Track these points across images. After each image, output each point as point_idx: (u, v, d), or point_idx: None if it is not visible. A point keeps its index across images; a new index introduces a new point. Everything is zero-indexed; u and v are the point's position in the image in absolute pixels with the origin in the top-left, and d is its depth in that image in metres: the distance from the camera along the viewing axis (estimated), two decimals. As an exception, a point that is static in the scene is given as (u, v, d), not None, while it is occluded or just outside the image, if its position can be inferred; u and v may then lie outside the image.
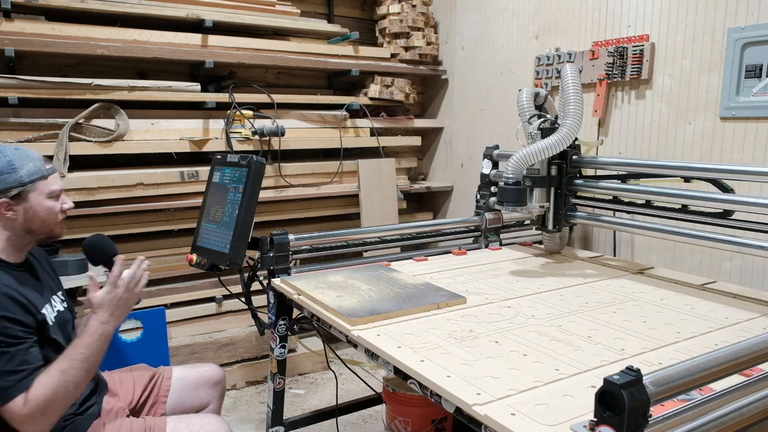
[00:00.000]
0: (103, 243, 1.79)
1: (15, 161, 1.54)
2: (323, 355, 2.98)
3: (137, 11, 3.07)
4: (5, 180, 1.52)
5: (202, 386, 2.01)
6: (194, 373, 2.03)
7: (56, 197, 1.62)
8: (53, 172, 1.63)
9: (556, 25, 3.18)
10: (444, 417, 2.29)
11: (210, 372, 2.05)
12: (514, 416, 1.12)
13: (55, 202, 1.62)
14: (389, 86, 3.82)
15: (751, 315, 1.75)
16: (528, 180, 2.25)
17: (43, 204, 1.58)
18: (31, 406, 1.40)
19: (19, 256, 1.61)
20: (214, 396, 2.04)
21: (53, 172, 1.63)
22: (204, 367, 2.08)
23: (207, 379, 2.03)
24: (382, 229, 2.50)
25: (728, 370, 1.04)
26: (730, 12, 2.39)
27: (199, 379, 2.02)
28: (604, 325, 1.65)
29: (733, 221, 1.95)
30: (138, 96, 3.02)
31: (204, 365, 2.10)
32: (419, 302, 1.77)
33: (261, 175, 2.06)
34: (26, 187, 1.55)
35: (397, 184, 3.78)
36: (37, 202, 1.57)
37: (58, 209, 1.63)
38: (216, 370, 2.08)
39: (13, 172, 1.53)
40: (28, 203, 1.56)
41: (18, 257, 1.61)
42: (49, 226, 1.62)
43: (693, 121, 2.56)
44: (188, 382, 1.99)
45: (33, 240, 1.63)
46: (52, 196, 1.60)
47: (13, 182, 1.53)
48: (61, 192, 1.64)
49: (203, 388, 2.01)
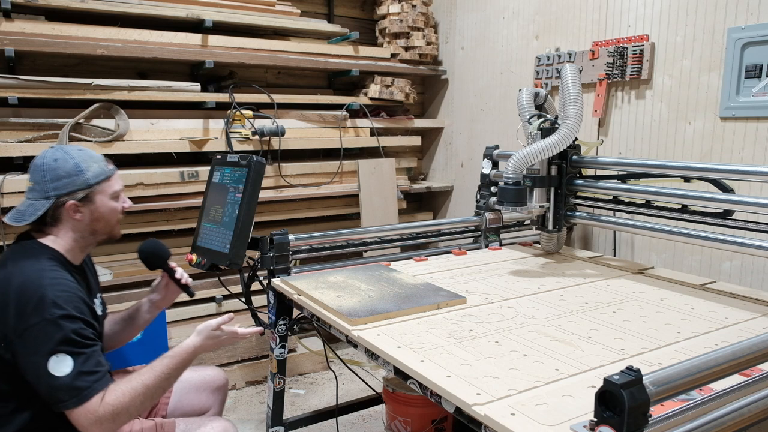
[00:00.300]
0: (160, 248, 1.82)
1: (81, 163, 1.55)
2: (323, 355, 2.98)
3: (137, 11, 3.07)
4: (73, 182, 1.53)
5: (204, 390, 1.97)
6: (196, 376, 1.98)
7: (117, 197, 1.65)
8: (114, 171, 1.65)
9: (556, 25, 3.18)
10: (444, 417, 2.29)
11: (213, 376, 2.01)
12: (514, 416, 1.12)
13: (117, 203, 1.64)
14: (389, 86, 3.82)
15: (751, 315, 1.75)
16: (528, 180, 2.25)
17: (107, 204, 1.60)
18: (107, 409, 1.39)
19: (81, 257, 1.64)
20: (216, 401, 1.99)
21: (114, 172, 1.65)
22: (207, 370, 2.03)
23: (209, 383, 1.98)
24: (382, 229, 2.50)
25: (728, 370, 1.04)
26: (730, 12, 2.39)
27: (201, 382, 1.97)
28: (604, 325, 1.65)
29: (733, 221, 1.95)
30: (138, 96, 3.02)
31: (207, 368, 2.05)
32: (419, 302, 1.77)
33: (261, 175, 2.06)
34: (92, 188, 1.56)
35: (397, 184, 3.78)
36: (102, 203, 1.59)
37: (120, 209, 1.65)
38: (219, 375, 2.03)
39: (80, 174, 1.54)
40: (94, 204, 1.57)
41: (79, 259, 1.63)
42: (111, 226, 1.64)
43: (693, 121, 2.56)
44: (189, 385, 1.94)
45: (95, 241, 1.64)
46: (114, 196, 1.63)
47: (81, 184, 1.54)
48: (122, 191, 1.66)
49: (204, 393, 1.97)
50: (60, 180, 1.52)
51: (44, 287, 1.42)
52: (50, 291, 1.41)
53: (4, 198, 2.63)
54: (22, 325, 1.38)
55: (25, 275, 1.44)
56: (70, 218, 1.55)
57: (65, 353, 1.38)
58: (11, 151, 2.71)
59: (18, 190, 2.65)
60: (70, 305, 1.42)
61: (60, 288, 1.44)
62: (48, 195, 1.52)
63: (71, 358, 1.38)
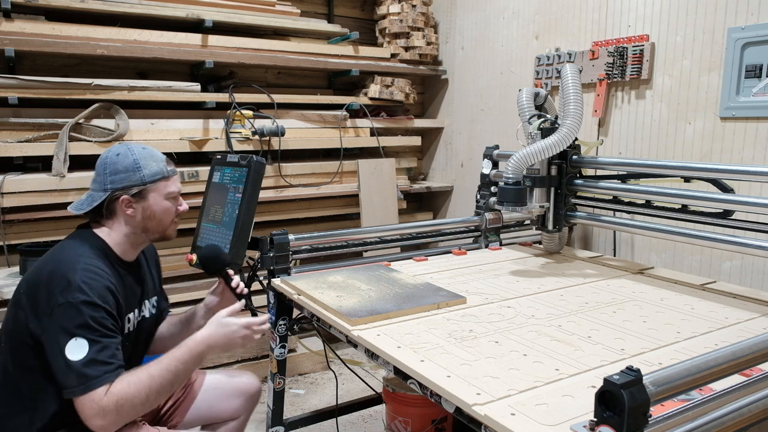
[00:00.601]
0: (219, 254, 1.82)
1: (140, 160, 1.59)
2: (323, 355, 2.98)
3: (137, 11, 3.07)
4: (129, 178, 1.57)
5: (237, 397, 1.91)
6: (229, 381, 1.94)
7: (174, 199, 1.66)
8: (174, 174, 1.67)
9: (556, 25, 3.18)
10: (444, 417, 2.29)
11: (247, 383, 1.95)
12: (514, 416, 1.12)
13: (172, 204, 1.65)
14: (389, 86, 3.82)
15: (751, 315, 1.75)
16: (528, 180, 2.25)
17: (160, 204, 1.62)
18: (111, 399, 1.39)
19: (132, 254, 1.66)
20: (247, 409, 1.94)
21: (174, 174, 1.67)
22: (242, 377, 1.97)
23: (242, 390, 1.93)
24: (382, 229, 2.50)
25: (728, 370, 1.04)
26: (730, 12, 2.39)
27: (234, 389, 1.92)
28: (604, 325, 1.65)
29: (733, 221, 1.95)
30: (138, 96, 3.02)
31: (242, 374, 1.99)
32: (419, 302, 1.77)
33: (261, 175, 2.06)
34: (147, 186, 1.59)
35: (397, 184, 3.78)
36: (155, 202, 1.61)
37: (174, 211, 1.67)
38: (253, 383, 1.97)
39: (137, 170, 1.58)
40: (147, 202, 1.60)
41: (131, 255, 1.65)
42: (164, 226, 1.66)
43: (693, 121, 2.56)
44: (222, 392, 1.90)
45: (147, 239, 1.66)
46: (170, 197, 1.64)
47: (136, 180, 1.58)
48: (179, 194, 1.68)
49: (237, 400, 1.91)
50: (118, 174, 1.57)
51: (75, 271, 1.45)
52: (79, 275, 1.44)
53: (4, 198, 2.63)
54: (50, 304, 1.42)
55: (63, 258, 1.49)
56: (123, 213, 1.59)
57: (83, 338, 1.40)
58: (11, 151, 2.71)
59: (18, 190, 2.66)
60: (94, 293, 1.44)
61: (89, 274, 1.46)
62: (105, 187, 1.57)
63: (87, 344, 1.40)
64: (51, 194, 2.72)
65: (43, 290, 1.44)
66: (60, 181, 2.73)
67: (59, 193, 2.73)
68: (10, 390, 1.50)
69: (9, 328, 1.51)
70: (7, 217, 2.67)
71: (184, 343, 1.56)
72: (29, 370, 1.48)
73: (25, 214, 2.71)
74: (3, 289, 2.32)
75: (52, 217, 2.78)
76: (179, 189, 1.68)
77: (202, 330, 1.59)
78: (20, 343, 1.47)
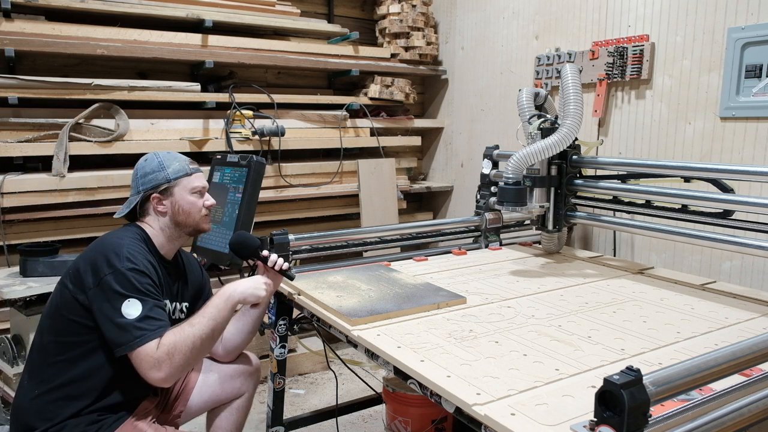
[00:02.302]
0: (248, 238, 1.89)
1: (164, 161, 1.75)
2: (323, 355, 2.98)
3: (137, 11, 3.07)
4: (156, 177, 1.73)
5: (239, 376, 2.00)
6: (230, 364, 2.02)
7: (199, 193, 1.79)
8: (196, 171, 1.81)
9: (556, 25, 3.18)
10: (444, 417, 2.29)
11: (245, 361, 2.04)
12: (514, 416, 1.12)
13: (198, 198, 1.78)
14: (389, 86, 3.82)
15: (751, 315, 1.75)
16: (528, 180, 2.25)
17: (186, 198, 1.75)
18: (162, 350, 1.50)
19: (170, 250, 1.79)
20: (250, 385, 2.03)
21: (196, 171, 1.81)
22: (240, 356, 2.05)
23: (243, 369, 2.02)
24: (382, 229, 2.50)
25: (728, 370, 1.04)
26: (730, 12, 2.39)
27: (233, 369, 2.00)
28: (604, 325, 1.65)
29: (733, 221, 1.95)
30: (138, 96, 3.02)
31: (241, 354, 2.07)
32: (419, 302, 1.77)
33: (261, 175, 2.07)
34: (171, 182, 1.74)
35: (397, 184, 3.78)
36: (181, 197, 1.75)
37: (201, 204, 1.79)
38: (251, 359, 2.06)
39: (162, 170, 1.74)
40: (174, 197, 1.75)
41: (168, 251, 1.78)
42: (194, 219, 1.78)
43: (693, 121, 2.56)
44: (224, 373, 1.98)
45: (182, 233, 1.78)
46: (194, 192, 1.77)
47: (162, 179, 1.73)
48: (204, 190, 1.81)
49: (239, 378, 2.00)
50: (147, 176, 1.73)
51: (122, 246, 1.61)
52: (126, 249, 1.60)
53: (4, 198, 2.63)
54: (98, 276, 1.55)
55: (106, 241, 1.65)
56: (155, 210, 1.74)
57: (136, 299, 1.53)
58: (11, 151, 2.71)
59: (18, 190, 2.66)
60: (140, 263, 1.59)
61: (135, 249, 1.62)
62: (139, 190, 1.74)
63: (140, 303, 1.53)
64: (51, 194, 2.72)
65: (89, 269, 1.57)
66: (60, 181, 2.73)
67: (59, 193, 2.74)
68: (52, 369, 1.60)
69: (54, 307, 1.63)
70: (7, 217, 2.67)
71: (215, 295, 1.69)
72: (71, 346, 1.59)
73: (25, 214, 2.71)
74: (3, 289, 2.32)
75: (52, 217, 2.78)
76: (204, 185, 1.81)
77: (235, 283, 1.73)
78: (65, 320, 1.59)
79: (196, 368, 1.97)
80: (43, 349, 1.62)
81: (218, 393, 1.96)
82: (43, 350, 1.62)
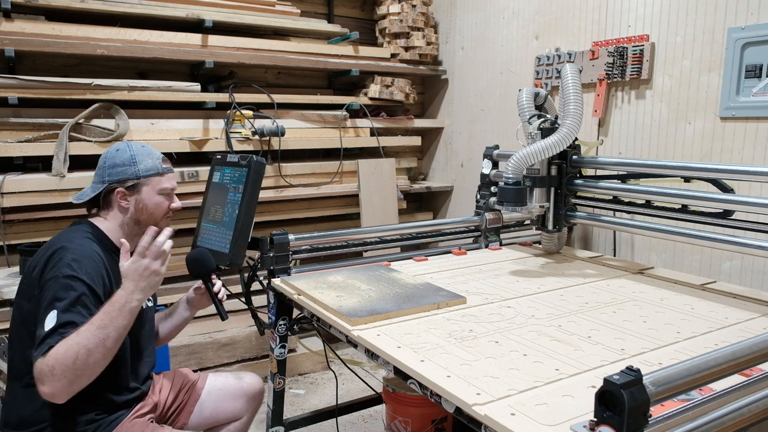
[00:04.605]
0: (206, 259, 1.85)
1: (137, 156, 1.69)
2: (323, 355, 2.98)
3: (137, 11, 3.07)
4: (125, 171, 1.67)
5: (240, 398, 1.96)
6: (232, 382, 1.99)
7: (167, 195, 1.73)
8: (169, 171, 1.75)
9: (556, 25, 3.18)
10: (444, 417, 2.29)
11: (250, 384, 2.00)
12: (514, 416, 1.12)
13: (165, 200, 1.73)
14: (389, 86, 3.82)
15: (751, 315, 1.75)
16: (528, 180, 2.25)
17: (153, 198, 1.70)
18: (46, 363, 1.36)
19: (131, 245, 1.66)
20: (250, 409, 1.99)
21: (169, 172, 1.75)
22: (245, 377, 2.03)
23: (246, 390, 1.98)
24: (382, 229, 2.50)
25: (728, 370, 1.04)
26: (730, 12, 2.39)
27: (237, 389, 1.97)
28: (604, 325, 1.65)
29: (733, 221, 1.95)
30: (138, 96, 3.02)
31: (245, 375, 2.04)
32: (419, 302, 1.77)
33: (261, 175, 2.06)
34: (140, 180, 1.68)
35: (397, 184, 3.78)
36: (148, 196, 1.69)
37: (167, 206, 1.73)
38: (257, 383, 2.02)
39: (133, 165, 1.68)
40: (140, 195, 1.68)
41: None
42: (155, 219, 1.71)
43: (693, 121, 2.56)
44: (225, 392, 1.94)
45: (140, 231, 1.66)
46: (162, 192, 1.72)
47: (131, 174, 1.67)
48: (173, 192, 1.75)
49: (240, 400, 1.96)
50: (116, 168, 1.67)
51: (67, 249, 1.54)
52: (70, 253, 1.52)
53: (4, 198, 2.63)
54: (41, 281, 1.50)
55: (55, 242, 1.60)
56: (118, 204, 1.68)
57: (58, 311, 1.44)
58: (11, 151, 2.72)
59: (18, 190, 2.66)
60: (82, 269, 1.51)
61: (80, 253, 1.54)
62: (104, 179, 1.67)
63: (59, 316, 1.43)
64: (51, 194, 2.72)
65: (37, 272, 1.52)
66: (60, 181, 2.73)
67: (59, 193, 2.74)
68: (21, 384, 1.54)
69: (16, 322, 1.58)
70: (7, 217, 2.68)
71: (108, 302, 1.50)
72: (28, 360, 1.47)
73: (25, 214, 2.72)
74: (3, 289, 2.32)
75: (52, 217, 2.78)
76: (173, 187, 1.75)
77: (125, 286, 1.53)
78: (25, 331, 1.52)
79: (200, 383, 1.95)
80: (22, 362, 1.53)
81: (219, 410, 1.93)
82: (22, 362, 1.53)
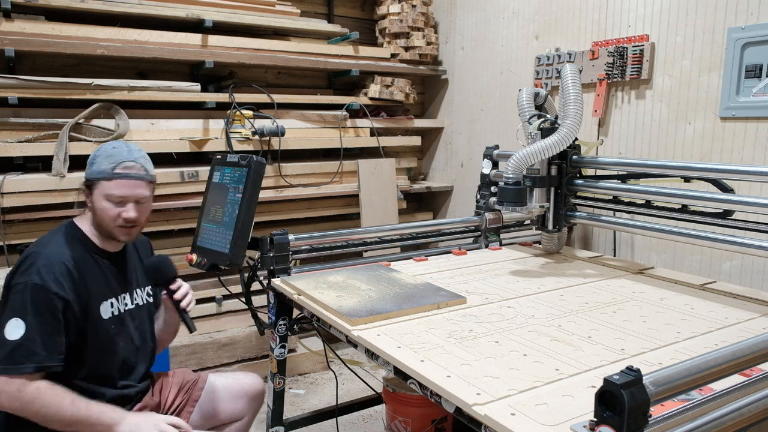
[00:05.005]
0: (164, 265, 1.81)
1: (98, 157, 1.66)
2: (323, 355, 2.98)
3: (137, 11, 3.07)
4: (88, 170, 1.66)
5: (241, 398, 1.95)
6: (233, 382, 1.98)
7: (117, 203, 1.64)
8: (122, 177, 1.64)
9: (556, 25, 3.18)
10: (444, 417, 2.29)
11: (251, 384, 1.99)
12: (514, 416, 1.12)
13: (112, 206, 1.64)
14: (389, 86, 3.82)
15: (751, 315, 1.75)
16: (528, 180, 2.25)
17: (99, 202, 1.65)
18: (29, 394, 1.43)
19: (110, 244, 1.71)
20: (251, 409, 1.98)
21: (120, 178, 1.63)
22: (245, 377, 2.01)
23: (246, 391, 1.97)
24: (382, 229, 2.50)
25: (728, 370, 1.04)
26: (730, 12, 2.39)
27: (239, 390, 1.96)
28: (604, 325, 1.65)
29: (733, 221, 1.95)
30: (138, 96, 3.02)
31: (245, 375, 2.03)
32: (419, 302, 1.77)
33: (261, 175, 2.06)
34: (91, 182, 1.65)
35: (397, 184, 3.77)
36: (96, 200, 1.65)
37: (114, 214, 1.64)
38: (258, 383, 2.01)
39: (91, 164, 1.66)
40: (92, 197, 1.66)
41: (109, 246, 1.71)
42: (107, 226, 1.66)
43: (693, 121, 2.56)
44: (225, 393, 1.93)
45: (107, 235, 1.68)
46: (110, 199, 1.63)
47: (87, 174, 1.67)
48: (125, 200, 1.64)
49: (241, 400, 1.95)
50: (89, 165, 1.67)
51: (39, 255, 1.53)
52: (41, 259, 1.52)
53: (4, 198, 2.63)
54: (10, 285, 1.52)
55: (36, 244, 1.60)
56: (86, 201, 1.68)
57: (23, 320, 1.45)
58: (11, 151, 2.71)
59: (18, 190, 2.66)
60: (51, 276, 1.51)
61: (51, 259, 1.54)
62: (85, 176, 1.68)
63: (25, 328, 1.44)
64: (51, 194, 2.72)
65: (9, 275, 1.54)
66: (60, 181, 2.73)
67: (59, 193, 2.73)
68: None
69: None
70: (7, 217, 2.67)
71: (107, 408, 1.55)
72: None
73: (25, 214, 2.71)
74: (3, 289, 2.32)
75: (52, 217, 2.78)
76: (123, 195, 1.64)
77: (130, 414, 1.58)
78: None
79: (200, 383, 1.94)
80: None
81: (219, 411, 1.92)
82: None
